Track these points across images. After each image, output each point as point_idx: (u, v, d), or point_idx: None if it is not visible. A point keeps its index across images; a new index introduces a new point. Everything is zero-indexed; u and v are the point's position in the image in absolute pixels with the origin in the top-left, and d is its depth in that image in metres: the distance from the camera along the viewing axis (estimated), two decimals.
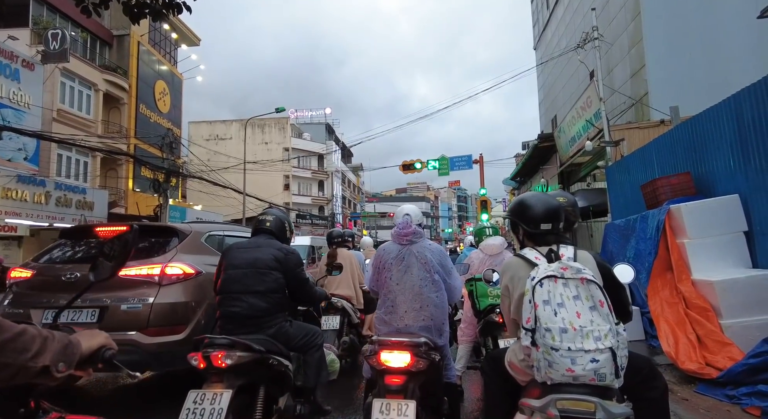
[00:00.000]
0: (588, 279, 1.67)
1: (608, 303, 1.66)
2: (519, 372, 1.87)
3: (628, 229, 5.86)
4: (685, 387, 3.53)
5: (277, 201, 37.29)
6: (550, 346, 1.60)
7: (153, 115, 24.31)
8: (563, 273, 1.70)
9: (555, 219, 1.96)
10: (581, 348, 1.57)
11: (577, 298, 1.66)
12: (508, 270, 1.97)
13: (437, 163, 21.79)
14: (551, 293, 1.67)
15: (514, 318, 1.90)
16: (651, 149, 6.39)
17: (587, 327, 1.59)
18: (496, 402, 2.03)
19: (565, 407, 1.56)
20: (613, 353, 1.58)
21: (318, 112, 47.96)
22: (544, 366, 1.63)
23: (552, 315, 1.63)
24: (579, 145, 10.13)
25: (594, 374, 1.56)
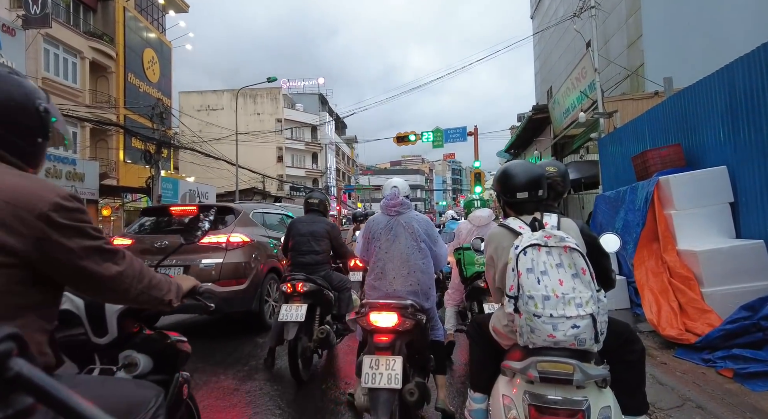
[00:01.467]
0: (571, 248, 1.69)
1: (590, 271, 1.68)
2: (502, 336, 1.93)
3: (618, 201, 5.92)
4: (664, 352, 3.66)
5: (271, 173, 37.02)
6: (532, 313, 1.63)
7: (142, 84, 23.79)
8: (547, 241, 1.71)
9: (532, 188, 1.95)
10: (563, 314, 1.60)
11: (560, 266, 1.68)
12: (492, 241, 1.99)
13: (431, 134, 21.64)
14: (534, 261, 1.69)
15: (499, 287, 1.94)
16: (643, 121, 6.38)
17: (569, 294, 1.62)
18: (481, 364, 2.10)
19: (545, 369, 1.61)
20: (593, 319, 1.61)
21: (311, 82, 47.10)
22: (526, 332, 1.67)
23: (535, 282, 1.65)
24: (573, 116, 10.08)
25: (574, 339, 1.60)
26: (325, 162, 45.22)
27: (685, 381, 2.99)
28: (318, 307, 3.88)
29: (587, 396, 1.58)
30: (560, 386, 1.60)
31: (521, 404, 1.65)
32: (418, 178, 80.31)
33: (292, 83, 46.96)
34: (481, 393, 2.04)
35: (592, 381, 1.60)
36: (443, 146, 21.68)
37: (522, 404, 1.65)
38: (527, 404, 1.62)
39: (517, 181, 1.96)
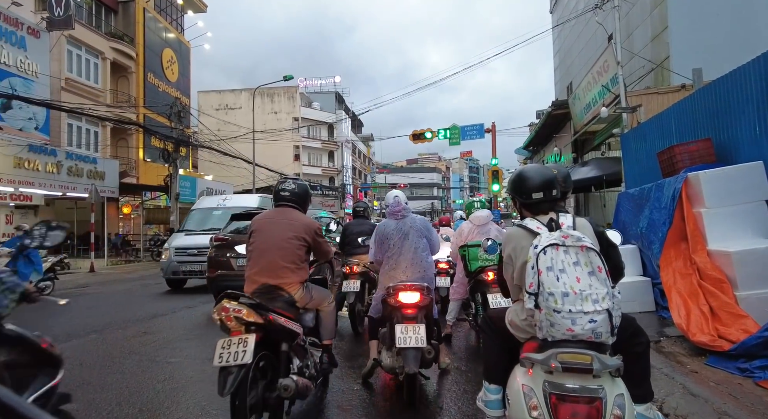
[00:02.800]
0: (587, 247, 1.78)
1: (605, 269, 1.77)
2: (519, 330, 2.03)
3: (642, 198, 5.66)
4: (695, 359, 3.44)
5: (288, 171, 37.10)
6: (552, 309, 1.72)
7: (161, 83, 24.10)
8: (564, 241, 1.80)
9: (546, 188, 2.05)
10: (581, 310, 1.69)
11: (577, 264, 1.76)
12: (511, 240, 2.09)
13: (448, 132, 21.39)
14: (554, 260, 1.77)
15: (518, 284, 2.04)
16: (669, 115, 6.10)
17: (586, 291, 1.71)
18: (496, 357, 2.20)
19: (566, 360, 1.70)
20: (609, 314, 1.71)
21: (327, 80, 47.14)
22: (546, 326, 1.76)
23: (554, 280, 1.74)
24: (594, 111, 9.77)
25: (591, 332, 1.70)
26: (341, 160, 45.23)
27: (720, 392, 2.77)
28: (367, 283, 5.20)
29: (603, 385, 1.68)
30: (577, 375, 1.71)
31: (541, 393, 1.74)
32: (434, 176, 79.88)
33: (308, 82, 47.07)
34: (497, 385, 2.14)
35: (606, 371, 1.69)
36: (460, 144, 21.40)
37: (542, 393, 1.74)
38: (548, 392, 1.72)
39: (532, 183, 2.07)
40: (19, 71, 15.22)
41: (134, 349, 4.89)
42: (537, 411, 1.74)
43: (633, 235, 5.87)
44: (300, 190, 3.15)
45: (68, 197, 16.30)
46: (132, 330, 5.89)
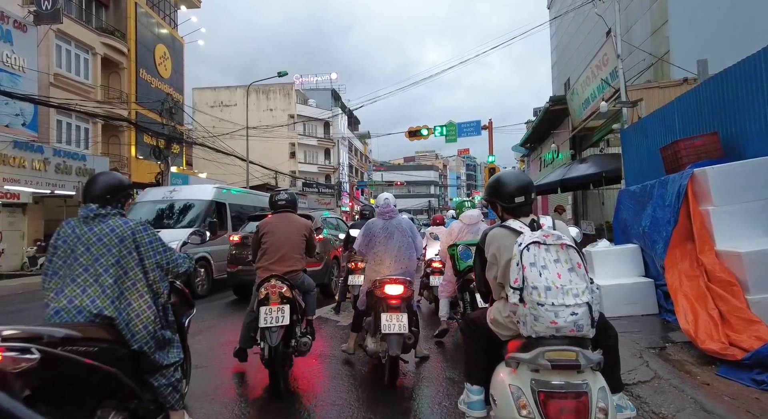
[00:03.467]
0: (567, 245, 1.88)
1: (584, 265, 1.88)
2: (502, 327, 2.07)
3: (644, 196, 5.42)
4: (705, 369, 3.19)
5: (283, 169, 36.85)
6: (536, 302, 1.79)
7: (154, 80, 23.72)
8: (545, 239, 1.89)
9: (526, 192, 2.17)
10: (563, 303, 1.77)
11: (557, 261, 1.85)
12: (494, 240, 2.14)
13: (444, 129, 21.14)
14: (536, 256, 1.85)
15: (501, 282, 2.09)
16: (672, 109, 5.85)
17: (567, 286, 1.79)
18: (478, 358, 2.24)
19: (552, 357, 1.75)
20: (589, 307, 1.79)
21: (323, 77, 46.78)
22: (530, 321, 1.82)
23: (537, 275, 1.81)
24: (593, 107, 9.52)
25: (573, 325, 1.77)
26: (337, 157, 44.92)
27: (736, 408, 2.53)
28: None
29: (587, 380, 1.76)
30: (563, 372, 1.77)
31: (529, 391, 1.79)
32: (431, 174, 79.65)
33: (304, 79, 46.69)
34: (479, 386, 2.18)
35: (588, 367, 1.76)
36: (456, 141, 21.16)
37: (530, 391, 1.78)
38: (536, 390, 1.77)
39: (512, 188, 2.18)
40: (5, 66, 14.85)
41: None
42: (526, 409, 1.77)
43: (635, 234, 5.64)
44: (291, 198, 4.29)
45: (57, 195, 15.96)
46: None
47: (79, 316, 2.20)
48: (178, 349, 2.54)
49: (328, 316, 6.53)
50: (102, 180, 2.45)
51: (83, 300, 2.23)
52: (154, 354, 2.36)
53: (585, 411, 1.71)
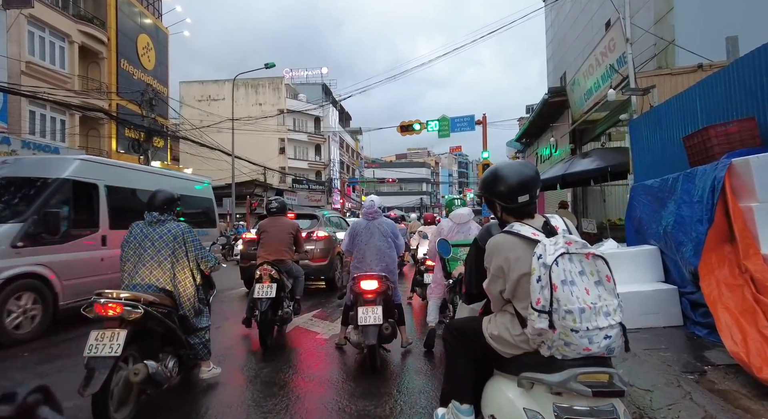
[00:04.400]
0: (594, 255, 1.63)
1: (613, 278, 1.65)
2: (508, 346, 1.77)
3: (665, 191, 4.81)
4: (764, 404, 2.57)
5: (273, 165, 36.02)
6: (570, 328, 1.55)
7: (136, 71, 22.79)
8: (568, 248, 1.61)
9: (532, 188, 1.82)
10: (596, 326, 1.55)
11: (582, 273, 1.61)
12: (501, 251, 1.77)
13: (437, 123, 20.49)
14: (566, 272, 1.58)
15: (508, 298, 1.78)
16: (693, 94, 5.24)
17: (597, 304, 1.57)
18: (466, 373, 1.95)
19: (588, 380, 1.53)
20: (622, 327, 1.62)
21: (314, 71, 45.90)
22: (559, 345, 1.59)
23: (569, 295, 1.56)
24: (597, 97, 8.91)
25: (606, 349, 1.58)
26: (328, 153, 44.09)
27: None
28: None
29: (613, 404, 1.56)
30: (595, 398, 1.53)
31: (551, 418, 1.57)
32: (423, 171, 79.15)
33: (295, 73, 45.80)
34: (469, 404, 1.92)
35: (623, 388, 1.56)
36: (449, 135, 20.51)
37: (552, 418, 1.57)
38: (562, 418, 1.55)
39: (516, 184, 1.81)
40: None
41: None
42: None
43: (652, 234, 5.02)
44: (281, 204, 5.66)
45: None
46: None
47: (149, 290, 3.23)
48: (207, 317, 3.67)
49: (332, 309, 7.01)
50: (160, 195, 3.50)
51: (151, 279, 3.29)
52: (193, 319, 3.46)
53: None
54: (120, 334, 2.69)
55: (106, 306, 2.73)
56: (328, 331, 5.50)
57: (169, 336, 3.21)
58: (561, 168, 8.93)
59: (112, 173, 6.80)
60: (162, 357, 3.13)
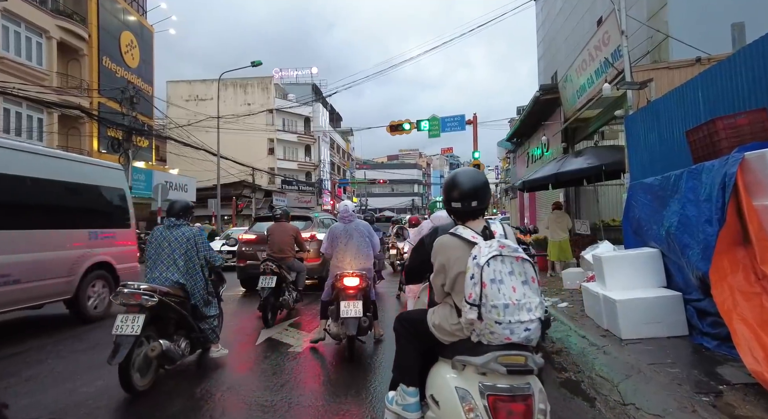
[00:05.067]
0: (523, 258, 1.84)
1: (537, 279, 1.87)
2: (447, 334, 2.01)
3: (667, 189, 4.46)
4: None
5: (262, 166, 35.45)
6: (494, 320, 1.77)
7: (119, 69, 22.19)
8: (501, 251, 1.82)
9: (483, 195, 2.03)
10: (518, 319, 1.77)
11: (512, 274, 1.81)
12: (444, 250, 2.01)
13: (428, 123, 20.16)
14: (495, 271, 1.78)
15: (448, 291, 2.03)
16: (695, 86, 4.90)
17: (522, 300, 1.78)
18: (413, 359, 2.17)
19: (506, 362, 1.78)
20: (540, 322, 1.83)
21: (304, 71, 45.39)
22: (485, 334, 1.82)
23: (497, 292, 1.76)
24: (591, 93, 8.59)
25: (525, 340, 1.80)
26: (318, 154, 43.60)
27: None
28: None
29: (530, 383, 1.79)
30: (513, 377, 1.78)
31: (477, 394, 1.78)
32: (415, 172, 78.92)
33: (284, 73, 45.25)
34: (415, 387, 2.12)
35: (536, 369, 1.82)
36: (440, 135, 20.19)
37: (478, 394, 1.78)
38: (485, 394, 1.77)
39: (469, 189, 2.01)
40: None
41: None
42: (473, 412, 1.76)
43: (653, 236, 4.67)
44: (285, 212, 6.92)
45: None
46: None
47: (166, 283, 3.85)
48: (215, 307, 4.32)
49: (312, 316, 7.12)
50: (178, 204, 4.25)
51: (168, 274, 3.91)
52: (203, 308, 4.12)
53: (530, 413, 1.74)
54: (139, 318, 3.36)
55: (128, 295, 3.43)
56: (302, 344, 5.10)
57: (181, 321, 3.90)
58: (553, 167, 8.60)
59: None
60: (176, 338, 3.83)
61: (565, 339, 4.56)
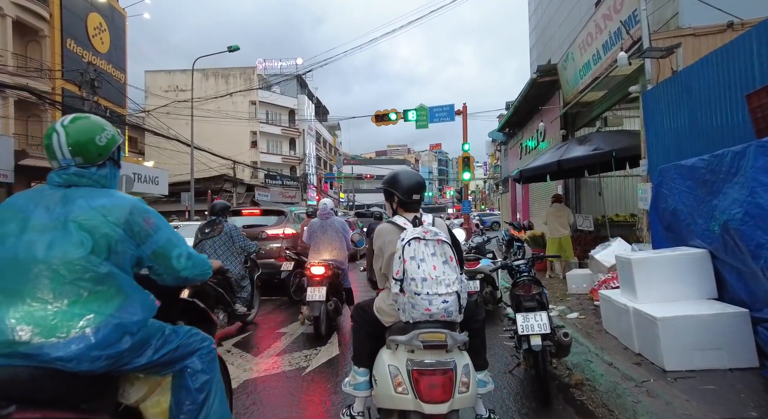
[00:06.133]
0: (442, 241, 2.15)
1: (456, 258, 2.17)
2: (386, 314, 2.30)
3: (718, 172, 3.42)
4: None
5: (244, 159, 34.08)
6: (414, 292, 2.04)
7: (86, 53, 20.68)
8: (425, 235, 2.14)
9: (421, 191, 2.45)
10: (436, 292, 2.03)
11: (434, 255, 2.11)
12: (381, 235, 2.40)
13: (415, 113, 19.05)
14: (416, 250, 2.10)
15: (385, 273, 2.38)
16: (746, 42, 3.86)
17: (440, 277, 2.06)
18: (363, 342, 2.44)
19: (425, 338, 2.00)
20: (458, 295, 2.06)
21: (289, 62, 43.87)
22: (408, 308, 2.06)
23: (416, 267, 2.06)
24: (597, 71, 7.56)
25: (444, 311, 2.03)
26: (303, 148, 42.26)
27: None
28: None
29: (454, 358, 2.02)
30: (434, 352, 2.02)
31: (404, 369, 2.02)
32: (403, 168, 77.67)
33: (268, 63, 43.70)
34: (364, 368, 2.38)
35: (455, 346, 2.06)
36: (428, 126, 19.07)
37: (405, 369, 2.02)
38: (410, 369, 2.00)
39: (412, 185, 2.42)
40: None
41: None
42: (401, 386, 2.00)
43: (698, 233, 3.62)
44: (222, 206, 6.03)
45: None
46: None
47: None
48: (248, 285, 5.46)
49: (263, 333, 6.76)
50: (218, 205, 5.61)
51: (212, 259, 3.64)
52: (239, 283, 5.26)
53: (450, 385, 1.95)
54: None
55: None
56: (241, 374, 3.87)
57: (220, 298, 4.64)
58: (554, 155, 7.57)
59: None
60: (216, 311, 4.49)
61: (585, 366, 3.48)
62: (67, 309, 1.36)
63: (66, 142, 1.52)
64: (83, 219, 1.44)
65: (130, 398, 1.57)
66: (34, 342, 1.30)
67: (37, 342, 1.31)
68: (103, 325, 1.38)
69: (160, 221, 1.63)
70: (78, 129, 1.55)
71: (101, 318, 1.39)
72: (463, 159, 18.93)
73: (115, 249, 1.46)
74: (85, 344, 1.34)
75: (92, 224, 1.44)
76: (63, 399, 1.37)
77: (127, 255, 1.51)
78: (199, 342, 1.69)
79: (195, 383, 1.61)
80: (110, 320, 1.40)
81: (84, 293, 1.39)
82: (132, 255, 1.53)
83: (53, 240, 1.40)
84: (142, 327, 1.48)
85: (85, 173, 1.56)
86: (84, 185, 1.55)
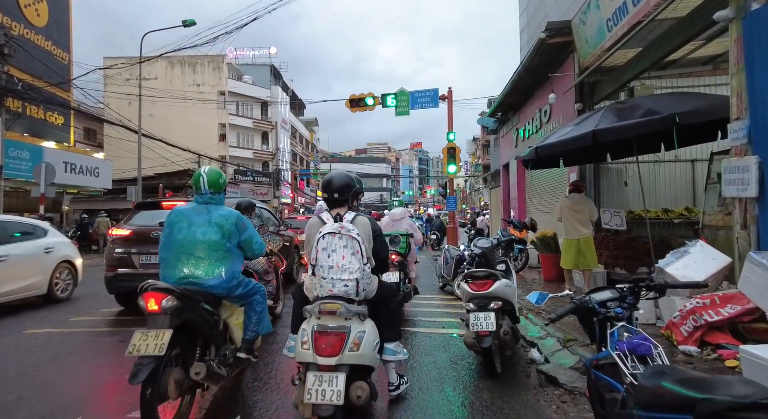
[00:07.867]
0: (353, 237, 2.74)
1: (362, 252, 2.75)
2: (309, 291, 2.96)
3: None
4: None
5: (212, 153, 31.40)
6: (321, 276, 2.73)
7: (18, 26, 17.91)
8: (340, 230, 2.76)
9: (339, 191, 2.97)
10: (339, 278, 2.70)
11: (345, 247, 2.73)
12: (310, 227, 3.04)
13: (395, 98, 16.90)
14: (329, 243, 2.74)
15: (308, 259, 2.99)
16: None
17: (346, 265, 2.70)
18: (297, 314, 3.01)
19: (325, 308, 2.63)
20: (357, 282, 2.71)
21: (261, 51, 41.25)
22: (317, 287, 2.75)
23: (326, 257, 2.72)
24: (638, 14, 5.50)
25: (344, 293, 2.70)
26: (275, 142, 39.63)
27: None
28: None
29: (351, 325, 2.62)
30: (335, 318, 2.63)
31: (310, 331, 2.61)
32: (384, 166, 75.95)
33: (239, 52, 40.99)
34: (295, 334, 2.89)
35: (354, 315, 2.65)
36: (408, 113, 16.95)
37: (310, 331, 2.61)
38: (314, 331, 2.60)
39: (335, 186, 2.98)
40: None
41: None
42: (306, 344, 2.57)
43: None
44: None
45: None
46: None
47: None
48: (272, 276, 5.58)
49: None
50: (244, 202, 5.69)
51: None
52: (262, 277, 5.19)
53: (340, 344, 2.53)
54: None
55: None
56: None
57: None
58: (582, 126, 5.51)
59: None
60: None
61: None
62: (212, 262, 3.05)
63: (207, 181, 3.19)
64: (216, 221, 3.12)
65: (223, 315, 3.20)
66: (198, 277, 3.00)
67: (199, 277, 3.01)
68: (226, 271, 3.08)
69: (249, 223, 3.35)
70: (211, 174, 3.22)
71: (226, 268, 3.08)
72: (449, 149, 16.86)
73: (230, 236, 3.14)
74: (219, 280, 3.05)
75: (221, 223, 3.11)
76: (210, 303, 3.04)
77: (234, 240, 3.19)
78: (258, 288, 3.39)
79: (257, 308, 3.35)
80: (229, 270, 3.11)
81: (219, 256, 3.07)
82: (237, 239, 3.21)
83: (205, 230, 3.07)
84: (239, 275, 3.21)
85: (214, 198, 3.24)
86: (213, 203, 3.22)
